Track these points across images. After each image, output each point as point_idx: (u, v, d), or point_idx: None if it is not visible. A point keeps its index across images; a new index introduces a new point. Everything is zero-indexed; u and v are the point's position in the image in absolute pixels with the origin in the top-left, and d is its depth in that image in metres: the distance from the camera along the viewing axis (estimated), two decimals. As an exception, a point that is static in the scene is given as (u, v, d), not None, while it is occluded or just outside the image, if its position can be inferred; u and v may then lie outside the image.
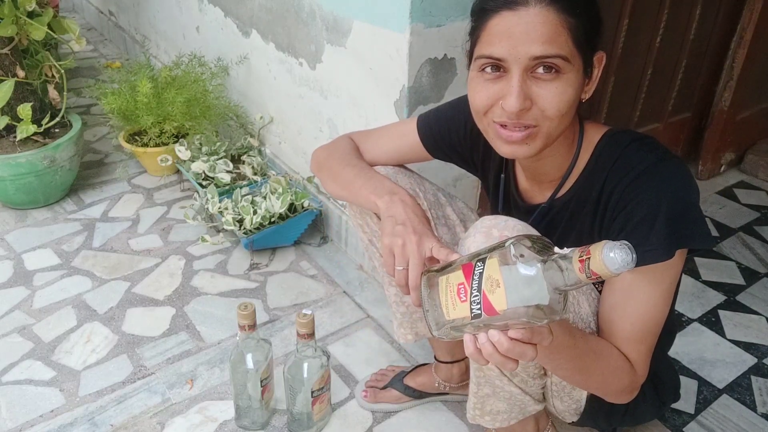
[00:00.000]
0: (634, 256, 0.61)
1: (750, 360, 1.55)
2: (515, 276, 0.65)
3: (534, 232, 0.91)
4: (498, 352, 0.71)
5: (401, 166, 1.18)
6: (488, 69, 0.84)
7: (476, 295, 0.68)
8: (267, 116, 2.12)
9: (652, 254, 0.85)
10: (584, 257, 0.62)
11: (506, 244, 0.67)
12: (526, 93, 0.82)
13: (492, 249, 0.69)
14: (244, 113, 2.22)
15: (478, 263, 0.69)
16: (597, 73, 0.88)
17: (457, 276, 0.70)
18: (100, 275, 1.80)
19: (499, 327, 0.69)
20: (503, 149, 0.88)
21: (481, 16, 0.84)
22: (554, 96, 0.82)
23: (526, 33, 0.79)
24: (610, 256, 0.60)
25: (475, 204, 1.72)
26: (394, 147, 1.16)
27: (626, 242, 0.61)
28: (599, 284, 0.99)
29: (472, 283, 0.68)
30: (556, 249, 0.66)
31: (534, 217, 1.00)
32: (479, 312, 0.68)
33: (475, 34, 0.86)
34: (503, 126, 0.86)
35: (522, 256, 0.66)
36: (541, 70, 0.81)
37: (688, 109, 2.30)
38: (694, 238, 0.86)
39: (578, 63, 0.83)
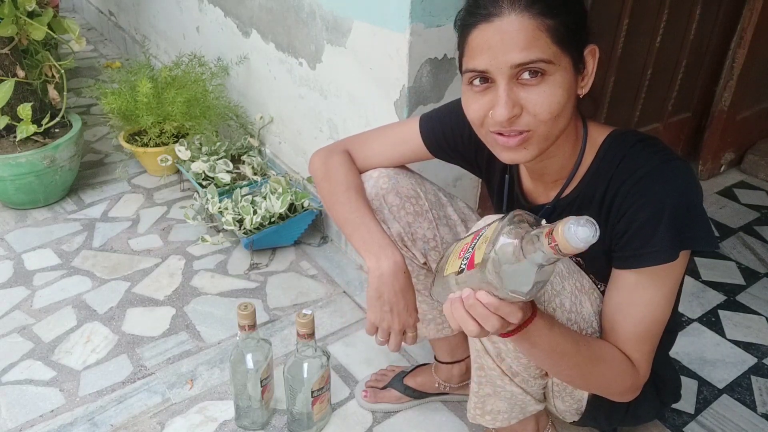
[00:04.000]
0: (596, 233, 0.62)
1: (750, 360, 1.55)
2: (501, 239, 0.69)
3: None
4: (463, 308, 0.74)
5: (401, 165, 1.18)
6: (476, 82, 0.85)
7: (469, 252, 0.74)
8: (267, 116, 2.12)
9: (656, 256, 0.86)
10: (551, 231, 0.65)
11: (508, 214, 0.72)
12: (515, 100, 0.83)
13: (501, 218, 0.73)
14: (244, 113, 2.22)
15: (486, 227, 0.74)
16: (592, 66, 0.87)
17: (467, 239, 0.77)
18: (100, 275, 1.80)
19: (474, 288, 0.74)
20: (503, 156, 0.89)
21: (462, 30, 0.85)
22: (543, 99, 0.82)
23: (503, 42, 0.80)
24: (572, 229, 0.62)
25: (475, 204, 1.72)
26: (395, 150, 1.15)
27: (590, 218, 0.63)
28: (602, 284, 0.99)
29: (473, 243, 0.74)
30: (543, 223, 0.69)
31: (539, 216, 1.00)
32: (463, 267, 0.73)
33: (460, 48, 0.87)
34: (500, 134, 0.86)
35: (513, 226, 0.70)
36: (526, 75, 0.81)
37: (688, 109, 2.30)
38: (698, 240, 0.86)
39: (565, 61, 0.82)
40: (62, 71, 2.01)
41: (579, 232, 0.62)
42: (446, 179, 1.60)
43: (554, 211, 1.00)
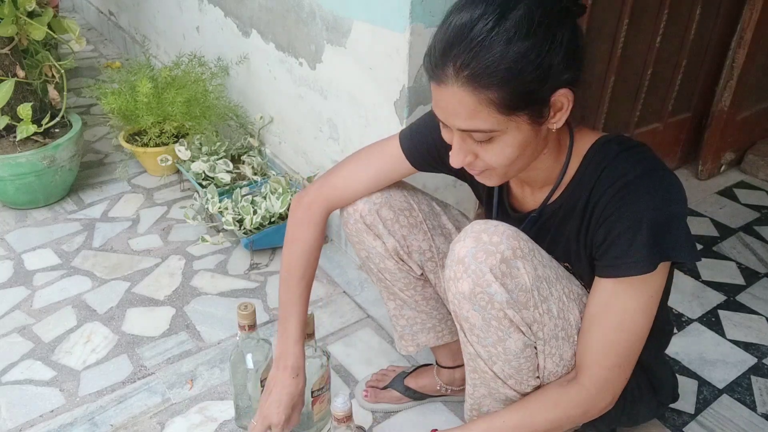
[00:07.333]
0: (346, 401, 1.01)
1: (750, 360, 1.55)
2: None
3: (524, 236, 0.91)
4: None
5: None
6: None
7: None
8: (267, 116, 2.12)
9: (633, 266, 0.86)
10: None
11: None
12: (467, 150, 0.86)
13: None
14: (244, 113, 2.22)
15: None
16: (567, 104, 0.83)
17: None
18: (100, 275, 1.80)
19: None
20: (476, 177, 0.93)
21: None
22: (494, 155, 0.85)
23: (449, 109, 0.83)
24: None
25: (474, 203, 1.72)
26: (377, 173, 1.12)
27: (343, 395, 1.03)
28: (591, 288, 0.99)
29: None
30: None
31: (525, 224, 1.01)
32: None
33: None
34: None
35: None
36: (475, 134, 0.83)
37: (688, 109, 2.30)
38: (676, 251, 0.86)
39: (516, 122, 0.81)
40: (62, 71, 2.01)
41: (336, 401, 1.04)
42: (446, 180, 1.60)
43: (540, 219, 1.00)
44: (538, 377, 1.00)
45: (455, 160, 0.87)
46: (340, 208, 1.17)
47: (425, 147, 1.09)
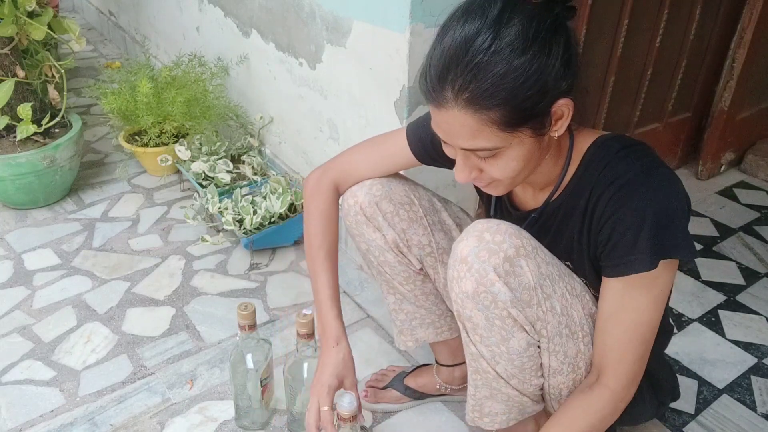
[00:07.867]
0: (352, 399, 1.02)
1: (750, 360, 1.55)
2: None
3: (526, 234, 0.92)
4: None
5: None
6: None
7: None
8: (267, 116, 2.12)
9: (638, 264, 0.86)
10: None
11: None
12: (471, 166, 0.87)
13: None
14: (244, 113, 2.23)
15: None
16: (567, 114, 0.84)
17: None
18: (100, 275, 1.80)
19: None
20: (482, 189, 0.94)
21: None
22: (499, 169, 0.85)
23: (450, 131, 0.83)
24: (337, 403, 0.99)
25: (475, 202, 1.72)
26: (384, 164, 1.15)
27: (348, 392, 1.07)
28: (594, 287, 0.99)
29: None
30: None
31: (526, 224, 1.01)
32: None
33: None
34: None
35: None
36: (479, 152, 0.84)
37: (688, 109, 2.30)
38: (677, 250, 0.86)
39: (518, 137, 0.82)
40: (62, 71, 2.01)
41: (342, 401, 1.04)
42: (446, 179, 1.60)
43: (540, 218, 1.00)
44: (541, 376, 1.00)
45: (460, 176, 0.88)
46: (343, 192, 1.18)
47: (429, 142, 1.10)
